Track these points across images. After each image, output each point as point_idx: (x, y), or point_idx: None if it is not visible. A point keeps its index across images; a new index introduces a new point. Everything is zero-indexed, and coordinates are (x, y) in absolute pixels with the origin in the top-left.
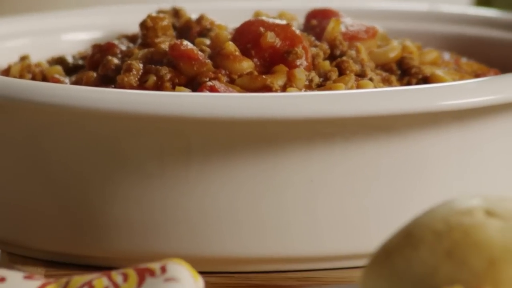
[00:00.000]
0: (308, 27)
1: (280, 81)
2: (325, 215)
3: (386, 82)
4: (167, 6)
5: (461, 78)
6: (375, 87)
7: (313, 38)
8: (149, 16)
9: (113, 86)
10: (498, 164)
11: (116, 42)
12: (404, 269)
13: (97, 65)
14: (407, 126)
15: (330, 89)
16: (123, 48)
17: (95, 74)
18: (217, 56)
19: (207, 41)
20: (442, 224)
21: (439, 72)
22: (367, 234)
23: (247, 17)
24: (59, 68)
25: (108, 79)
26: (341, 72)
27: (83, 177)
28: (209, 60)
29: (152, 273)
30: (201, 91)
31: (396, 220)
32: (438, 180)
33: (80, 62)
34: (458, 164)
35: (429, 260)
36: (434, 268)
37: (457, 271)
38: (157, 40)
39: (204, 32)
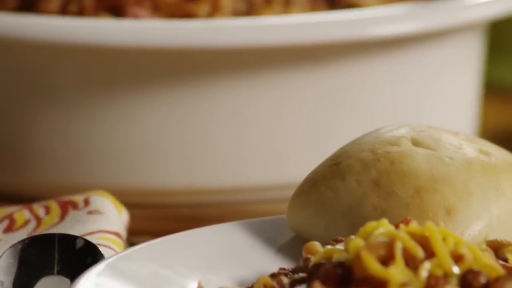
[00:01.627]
0: None
1: (205, 8)
2: (251, 146)
3: (314, 10)
4: None
5: (387, 3)
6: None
7: None
8: None
9: (33, 12)
10: (426, 93)
11: None
12: (331, 199)
13: None
14: (333, 55)
15: (256, 16)
16: None
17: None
18: None
19: None
20: (369, 153)
21: None
22: (294, 165)
23: None
24: None
25: (28, 6)
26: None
27: (5, 108)
28: None
29: (75, 205)
30: (124, 18)
31: (323, 150)
32: (365, 109)
33: None
34: (386, 94)
35: (356, 190)
36: (361, 198)
37: (384, 200)
38: None
39: None
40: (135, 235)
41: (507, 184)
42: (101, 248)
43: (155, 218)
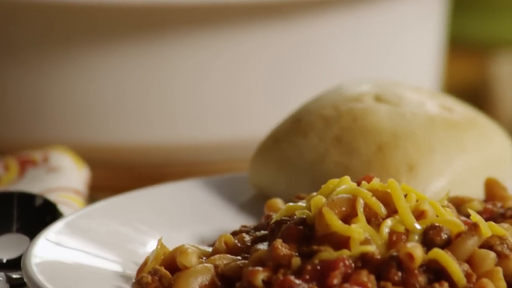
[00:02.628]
0: None
1: None
2: (212, 102)
3: None
4: None
5: None
6: None
7: None
8: None
9: None
10: (387, 49)
11: None
12: (293, 155)
13: None
14: (295, 11)
15: None
16: None
17: None
18: None
19: None
20: (331, 110)
21: None
22: (256, 121)
23: None
24: None
25: None
26: None
27: None
28: None
29: (33, 163)
30: None
31: (285, 107)
32: (327, 65)
33: None
34: (347, 49)
35: (318, 147)
36: (323, 154)
37: (346, 157)
38: None
39: None
40: (96, 191)
41: (469, 140)
42: (60, 206)
43: (116, 176)
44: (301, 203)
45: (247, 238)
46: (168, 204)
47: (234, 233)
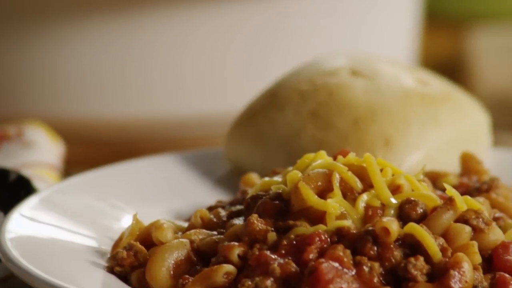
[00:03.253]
0: None
1: None
2: (188, 77)
3: None
4: None
5: None
6: None
7: None
8: None
9: None
10: (363, 22)
11: None
12: (269, 130)
13: None
14: None
15: None
16: None
17: None
18: None
19: None
20: (307, 84)
21: None
22: (232, 96)
23: None
24: None
25: None
26: None
27: None
28: None
29: (8, 137)
30: None
31: (261, 81)
32: (302, 39)
33: None
34: (323, 23)
35: (294, 121)
36: (299, 129)
37: (322, 131)
38: None
39: None
40: (71, 165)
41: (445, 114)
42: (35, 181)
43: (92, 151)
44: (277, 178)
45: (222, 213)
46: (143, 179)
47: (210, 208)
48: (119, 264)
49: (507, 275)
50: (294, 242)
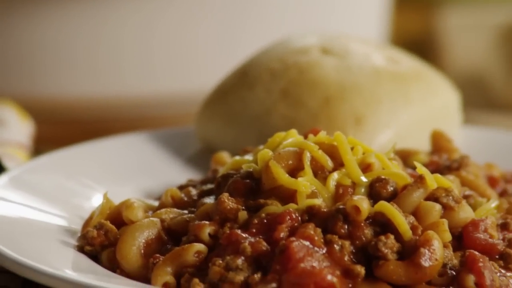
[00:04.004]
0: None
1: None
2: (159, 56)
3: None
4: None
5: None
6: None
7: None
8: None
9: None
10: (333, 1)
11: None
12: (240, 108)
13: None
14: None
15: None
16: None
17: None
18: None
19: None
20: (277, 63)
21: None
22: (203, 75)
23: None
24: None
25: None
26: None
27: None
28: None
29: None
30: None
31: (231, 60)
32: (274, 17)
33: None
34: (293, 1)
35: (264, 100)
36: (269, 108)
37: (293, 110)
38: None
39: None
40: (41, 144)
41: (415, 93)
42: (4, 160)
43: (62, 130)
44: (248, 157)
45: (193, 192)
46: (114, 158)
47: (181, 187)
48: (89, 243)
49: (476, 253)
50: (265, 221)
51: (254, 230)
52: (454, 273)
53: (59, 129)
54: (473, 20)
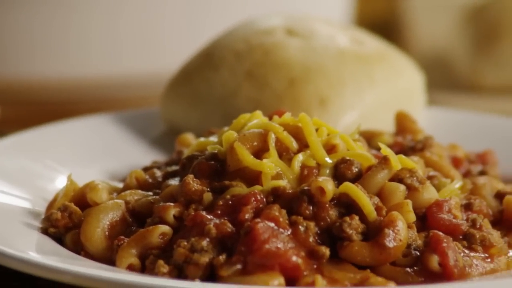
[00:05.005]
0: None
1: None
2: (124, 36)
3: None
4: None
5: None
6: None
7: None
8: None
9: None
10: None
11: None
12: (204, 90)
13: None
14: None
15: None
16: None
17: None
18: None
19: None
20: (242, 44)
21: None
22: (167, 55)
23: None
24: None
25: None
26: None
27: None
28: None
29: None
30: None
31: (196, 41)
32: None
33: None
34: None
35: (229, 81)
36: (234, 89)
37: (257, 91)
38: None
39: None
40: (4, 126)
41: (380, 74)
42: None
43: (25, 112)
44: (213, 138)
45: (158, 173)
46: (78, 139)
47: (145, 169)
48: (53, 225)
49: (440, 233)
50: (230, 202)
51: (219, 212)
52: (418, 253)
53: (23, 110)
54: (437, 1)
